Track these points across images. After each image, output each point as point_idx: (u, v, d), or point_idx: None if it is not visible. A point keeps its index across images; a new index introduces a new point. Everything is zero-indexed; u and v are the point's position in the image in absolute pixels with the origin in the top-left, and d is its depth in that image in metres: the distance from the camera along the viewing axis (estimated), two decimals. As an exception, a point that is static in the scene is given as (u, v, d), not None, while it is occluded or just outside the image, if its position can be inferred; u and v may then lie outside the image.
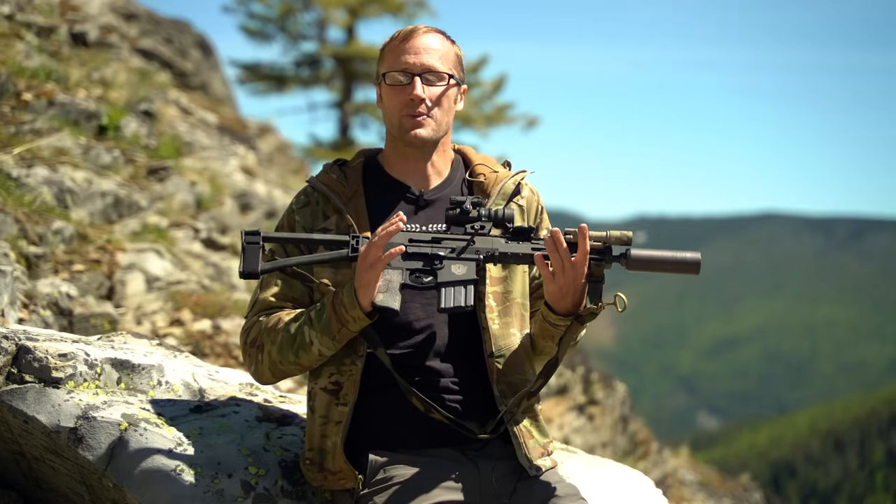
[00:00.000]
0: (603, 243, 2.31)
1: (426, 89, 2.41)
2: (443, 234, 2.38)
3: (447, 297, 2.31)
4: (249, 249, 2.30)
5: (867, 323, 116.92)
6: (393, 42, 2.45)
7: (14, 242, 4.54)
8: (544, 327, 2.43)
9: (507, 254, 2.36)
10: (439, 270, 2.33)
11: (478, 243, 2.36)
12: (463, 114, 20.12)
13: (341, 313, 2.30)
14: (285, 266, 2.35)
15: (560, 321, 2.38)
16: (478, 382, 2.44)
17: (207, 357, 4.84)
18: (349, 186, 2.48)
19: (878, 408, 49.25)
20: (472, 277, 2.33)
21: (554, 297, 2.35)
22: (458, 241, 2.36)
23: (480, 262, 2.36)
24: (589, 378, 11.48)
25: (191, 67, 12.87)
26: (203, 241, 6.74)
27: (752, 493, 16.75)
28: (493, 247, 2.36)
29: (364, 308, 2.28)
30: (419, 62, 2.41)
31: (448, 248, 2.36)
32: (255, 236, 2.31)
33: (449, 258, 2.34)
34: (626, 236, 2.30)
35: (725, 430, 61.37)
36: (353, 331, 2.32)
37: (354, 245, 2.32)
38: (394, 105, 2.43)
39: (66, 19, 8.82)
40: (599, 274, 2.33)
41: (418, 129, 2.42)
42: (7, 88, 5.90)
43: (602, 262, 2.32)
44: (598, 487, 2.90)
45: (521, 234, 2.37)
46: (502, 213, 2.35)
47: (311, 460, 2.43)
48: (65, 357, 2.57)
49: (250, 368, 2.45)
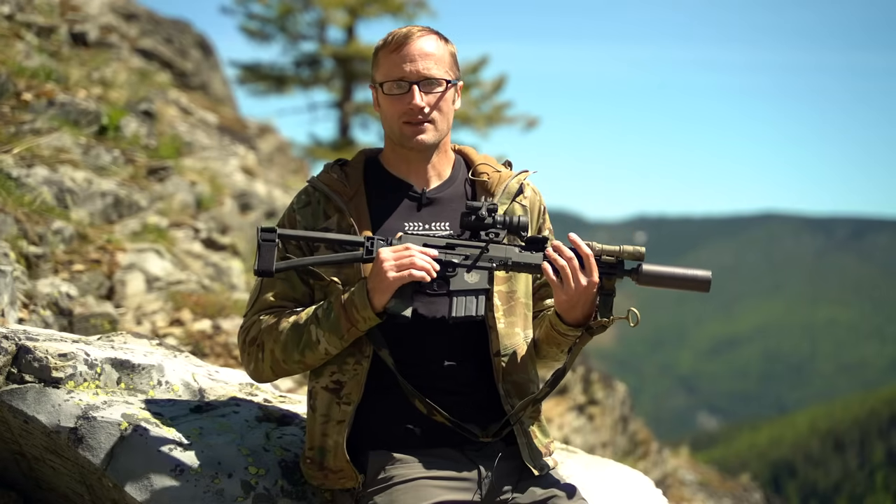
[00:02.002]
0: (616, 258, 2.33)
1: (424, 97, 2.41)
2: (457, 241, 2.37)
3: (458, 306, 2.32)
4: (265, 247, 2.28)
5: (867, 323, 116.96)
6: (387, 48, 2.43)
7: (14, 242, 4.54)
8: (552, 335, 2.43)
9: (520, 263, 2.37)
10: (452, 278, 2.34)
11: (491, 251, 2.36)
12: (463, 113, 20.12)
13: (352, 313, 2.30)
14: (300, 265, 2.34)
15: (570, 331, 2.39)
16: (483, 381, 2.44)
17: (207, 357, 4.84)
18: (350, 186, 2.48)
19: (878, 408, 49.27)
20: (485, 287, 2.34)
21: (564, 307, 2.35)
22: (472, 248, 2.36)
23: (493, 270, 2.36)
24: (589, 378, 11.48)
25: (191, 67, 12.86)
26: (203, 241, 6.74)
27: (752, 493, 16.74)
28: (507, 255, 2.36)
29: (376, 309, 2.28)
30: (416, 70, 2.40)
31: (462, 256, 2.35)
32: (272, 233, 2.29)
33: (462, 265, 2.34)
34: (638, 252, 2.33)
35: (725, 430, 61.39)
36: (361, 330, 2.33)
37: (369, 247, 2.32)
38: (393, 114, 2.43)
39: (66, 19, 8.82)
40: (610, 287, 2.35)
41: (420, 135, 2.42)
42: (7, 88, 5.90)
43: (613, 275, 2.34)
44: (598, 487, 2.90)
45: (535, 244, 2.38)
46: (517, 220, 2.35)
47: (312, 459, 2.43)
48: (65, 357, 2.56)
49: (248, 367, 2.45)
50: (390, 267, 2.26)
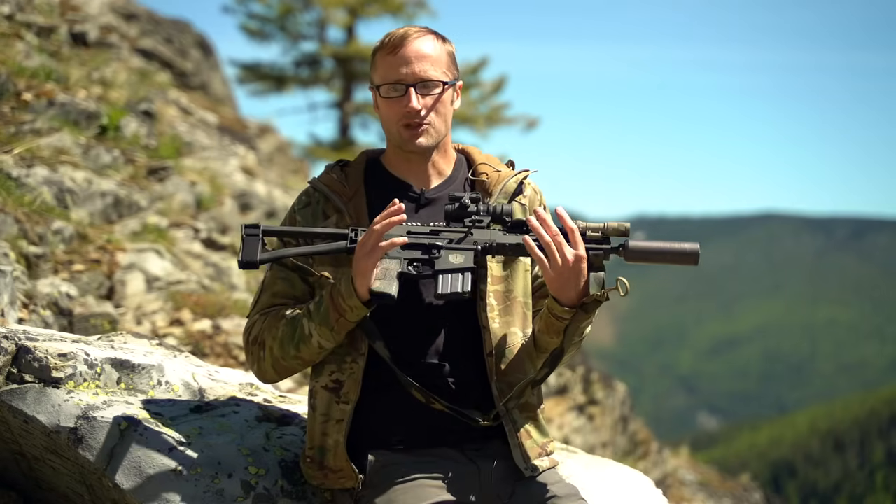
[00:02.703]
0: (601, 234, 2.33)
1: (421, 99, 2.40)
2: (441, 227, 2.38)
3: (444, 283, 2.32)
4: (248, 241, 2.33)
5: (867, 323, 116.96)
6: (384, 50, 2.43)
7: (14, 242, 4.54)
8: (550, 322, 2.42)
9: (504, 244, 2.37)
10: (437, 260, 2.34)
11: (476, 235, 2.37)
12: (463, 113, 20.12)
13: (339, 302, 2.30)
14: (284, 256, 2.36)
15: (565, 313, 2.38)
16: (476, 381, 2.44)
17: (207, 357, 4.84)
18: (350, 186, 2.48)
19: (878, 408, 49.28)
20: (470, 265, 2.34)
21: (555, 286, 2.34)
22: (457, 232, 2.38)
23: (478, 251, 2.36)
24: (589, 378, 11.49)
25: (191, 67, 12.87)
26: (203, 241, 6.74)
27: (752, 493, 16.75)
28: (492, 238, 2.37)
29: (361, 296, 2.28)
30: (412, 72, 2.39)
31: (446, 240, 2.37)
32: (255, 229, 2.34)
33: (447, 248, 2.35)
34: (623, 227, 2.33)
35: (725, 430, 61.40)
36: (350, 321, 2.32)
37: (353, 237, 2.33)
38: (391, 116, 2.43)
39: (66, 19, 8.82)
40: (599, 264, 2.35)
41: (418, 138, 2.43)
42: (7, 88, 5.90)
43: (600, 252, 2.33)
44: (598, 487, 2.90)
45: (518, 227, 2.39)
46: (500, 208, 2.36)
47: (312, 458, 2.43)
48: (65, 357, 2.57)
49: (253, 367, 2.45)
50: (362, 251, 2.26)
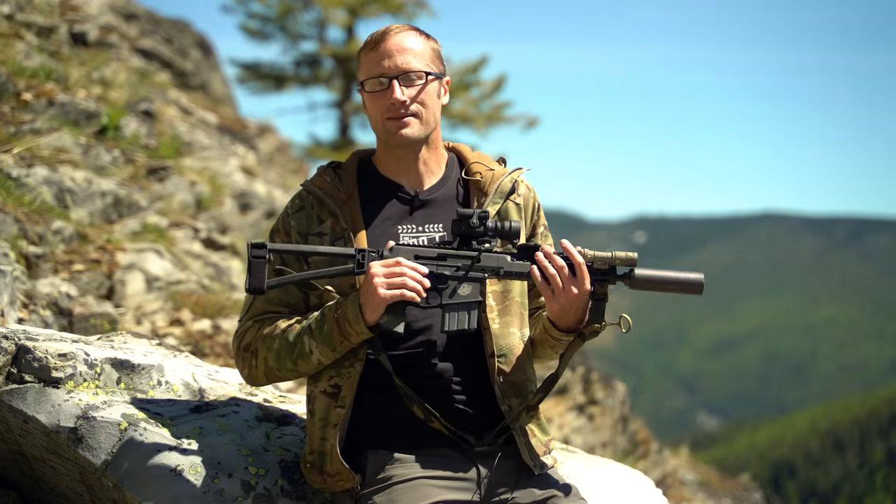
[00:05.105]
0: (608, 264, 2.33)
1: (405, 91, 2.40)
2: (448, 251, 2.36)
3: (451, 320, 2.32)
4: (255, 264, 2.27)
5: (867, 323, 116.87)
6: (367, 47, 2.44)
7: (14, 242, 4.54)
8: (545, 338, 2.44)
9: (511, 272, 2.37)
10: (444, 290, 2.33)
11: (483, 261, 2.36)
12: (463, 113, 20.12)
13: (345, 327, 2.30)
14: (291, 282, 2.34)
15: (563, 337, 2.40)
16: (479, 382, 2.44)
17: (207, 357, 4.84)
18: (344, 189, 2.47)
19: (878, 408, 49.22)
20: (477, 299, 2.34)
21: (556, 314, 2.36)
22: (464, 258, 2.35)
23: (485, 280, 2.36)
24: (589, 378, 11.48)
25: (191, 67, 12.87)
26: (203, 241, 6.74)
27: (752, 493, 16.74)
28: (499, 265, 2.36)
29: (368, 325, 2.29)
30: (394, 65, 2.40)
31: (453, 267, 2.35)
32: (262, 249, 2.27)
33: (454, 278, 2.34)
34: (630, 258, 2.32)
35: (725, 430, 61.31)
36: (354, 343, 2.33)
37: (360, 260, 2.31)
38: (376, 111, 2.43)
39: (66, 19, 8.82)
40: (602, 293, 2.34)
41: (403, 129, 2.42)
42: (7, 88, 5.90)
43: (606, 281, 2.33)
44: (598, 487, 2.90)
45: (527, 252, 2.38)
46: (509, 226, 2.34)
47: (312, 463, 2.43)
48: (65, 357, 2.56)
49: (243, 372, 2.46)
50: (381, 283, 2.25)
